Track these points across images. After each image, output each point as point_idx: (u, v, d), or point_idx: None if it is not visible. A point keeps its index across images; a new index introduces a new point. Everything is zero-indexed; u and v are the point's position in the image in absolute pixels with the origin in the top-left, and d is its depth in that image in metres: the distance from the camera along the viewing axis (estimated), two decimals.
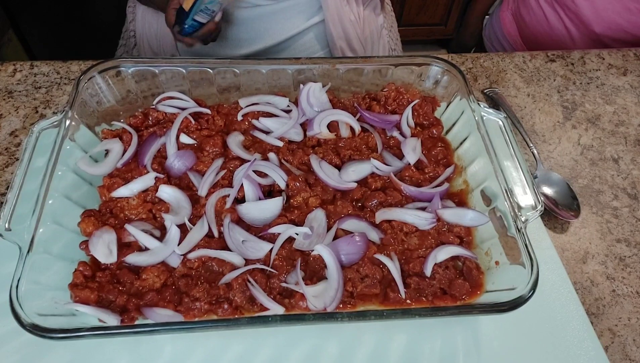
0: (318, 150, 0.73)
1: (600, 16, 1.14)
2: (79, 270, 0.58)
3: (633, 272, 0.72)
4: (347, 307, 0.59)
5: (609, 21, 1.13)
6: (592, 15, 1.14)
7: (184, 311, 0.57)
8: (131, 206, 0.64)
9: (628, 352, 0.65)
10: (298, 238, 0.63)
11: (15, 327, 0.49)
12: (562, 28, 1.23)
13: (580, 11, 1.16)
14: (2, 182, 0.75)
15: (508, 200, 0.64)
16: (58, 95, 0.87)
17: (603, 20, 1.14)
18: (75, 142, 0.68)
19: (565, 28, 1.22)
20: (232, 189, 0.67)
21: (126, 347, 0.60)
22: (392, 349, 0.62)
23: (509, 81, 0.99)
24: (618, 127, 0.92)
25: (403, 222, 0.66)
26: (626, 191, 0.82)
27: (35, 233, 0.56)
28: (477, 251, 0.66)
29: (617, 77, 1.02)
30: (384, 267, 0.62)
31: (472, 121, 0.73)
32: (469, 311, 0.58)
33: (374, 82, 0.83)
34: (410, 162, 0.73)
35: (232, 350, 0.61)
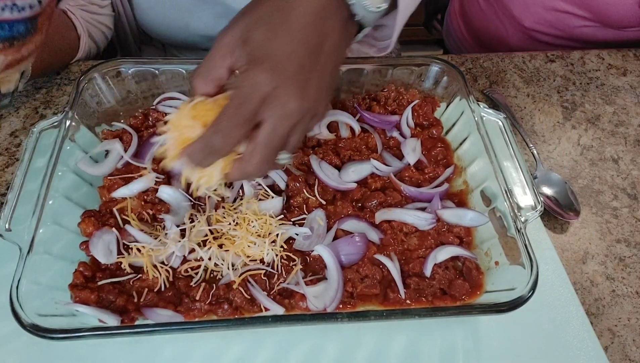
0: (318, 150, 0.73)
1: (529, 11, 1.17)
2: (79, 271, 0.58)
3: (633, 272, 0.72)
4: (347, 307, 0.59)
5: (537, 16, 1.16)
6: (522, 9, 1.18)
7: (184, 312, 0.57)
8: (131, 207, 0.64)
9: (628, 352, 0.65)
10: (298, 239, 0.63)
11: (16, 327, 0.50)
12: (497, 21, 1.26)
13: (511, 4, 1.19)
14: (2, 182, 0.75)
15: (508, 200, 0.64)
16: (58, 95, 0.87)
17: (532, 15, 1.17)
18: (76, 142, 0.68)
19: (500, 21, 1.25)
20: (232, 190, 0.67)
21: (126, 347, 0.60)
22: (392, 349, 0.62)
23: (508, 82, 0.99)
24: (618, 128, 0.92)
25: (403, 222, 0.66)
26: (626, 191, 0.82)
27: (35, 234, 0.57)
28: (477, 251, 0.66)
29: (617, 77, 1.02)
30: (383, 267, 0.63)
31: (471, 121, 0.73)
32: (469, 312, 0.58)
33: (373, 83, 0.83)
34: (410, 162, 0.73)
35: (232, 350, 0.61)
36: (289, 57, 0.48)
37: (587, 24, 1.11)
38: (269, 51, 0.48)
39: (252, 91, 0.47)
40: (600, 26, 1.10)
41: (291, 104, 0.48)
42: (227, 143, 0.48)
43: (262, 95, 0.47)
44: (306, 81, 0.49)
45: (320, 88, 0.51)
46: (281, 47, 0.48)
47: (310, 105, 0.50)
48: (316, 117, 0.52)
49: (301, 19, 0.49)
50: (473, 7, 1.32)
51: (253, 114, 0.47)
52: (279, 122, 0.48)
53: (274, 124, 0.48)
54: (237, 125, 0.47)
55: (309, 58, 0.49)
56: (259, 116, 0.48)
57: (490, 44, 1.31)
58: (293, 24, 0.49)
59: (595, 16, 1.08)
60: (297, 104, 0.48)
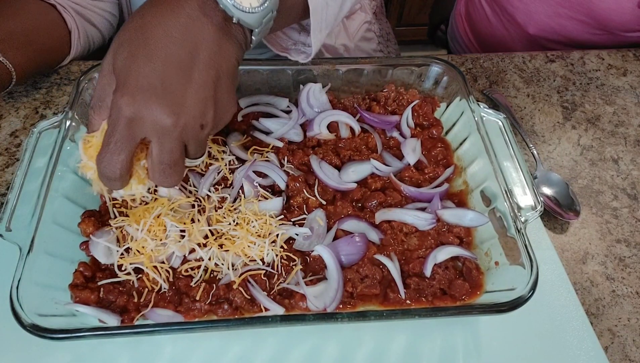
0: (318, 151, 0.73)
1: (533, 19, 1.17)
2: (79, 271, 0.59)
3: (633, 272, 0.72)
4: (347, 307, 0.59)
5: (541, 24, 1.16)
6: (526, 17, 1.18)
7: (184, 312, 0.58)
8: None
9: (628, 352, 0.65)
10: (298, 239, 0.63)
11: (16, 327, 0.50)
12: (502, 28, 1.26)
13: (515, 12, 1.20)
14: (3, 182, 0.75)
15: (508, 201, 0.64)
16: (58, 95, 0.87)
17: (536, 22, 1.17)
18: (76, 142, 0.68)
19: (505, 28, 1.26)
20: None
21: (126, 347, 0.60)
22: (392, 349, 0.62)
23: (508, 82, 0.99)
24: (618, 128, 0.92)
25: (403, 222, 0.66)
26: (626, 191, 0.82)
27: (35, 234, 0.57)
28: (477, 251, 0.66)
29: (617, 77, 1.02)
30: (383, 267, 0.63)
31: (471, 121, 0.73)
32: (469, 312, 0.58)
33: (373, 83, 0.83)
34: (410, 162, 0.73)
35: (232, 350, 0.61)
36: (149, 76, 0.48)
37: (590, 31, 1.11)
38: (129, 74, 0.49)
39: (117, 116, 0.48)
40: (603, 33, 1.10)
41: (164, 120, 0.48)
42: (114, 169, 0.50)
43: (126, 119, 0.48)
44: (178, 96, 0.49)
45: (201, 99, 0.50)
46: (140, 69, 0.48)
47: (189, 117, 0.50)
48: (207, 126, 0.52)
49: (163, 38, 0.49)
50: (478, 12, 1.32)
51: (126, 138, 0.49)
52: (160, 140, 0.50)
53: (157, 143, 0.50)
54: (114, 151, 0.49)
55: (177, 72, 0.49)
56: (138, 137, 0.49)
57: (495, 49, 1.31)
58: (153, 44, 0.49)
59: (597, 22, 1.08)
60: (170, 120, 0.48)
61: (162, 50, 0.49)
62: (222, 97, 0.53)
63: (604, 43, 1.13)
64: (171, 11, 0.50)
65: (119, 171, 0.51)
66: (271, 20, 0.56)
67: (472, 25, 1.37)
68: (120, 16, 0.97)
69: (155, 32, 0.50)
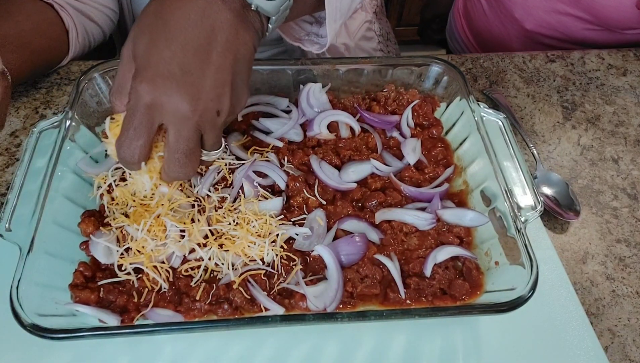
0: (318, 150, 0.73)
1: (530, 14, 1.17)
2: (79, 271, 0.59)
3: (633, 272, 0.72)
4: (347, 307, 0.59)
5: (539, 19, 1.17)
6: (524, 12, 1.18)
7: (184, 312, 0.58)
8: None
9: (628, 352, 0.65)
10: (298, 239, 0.63)
11: (16, 327, 0.50)
12: (500, 25, 1.27)
13: (513, 8, 1.20)
14: (3, 182, 0.75)
15: (508, 200, 0.64)
16: (58, 95, 0.87)
17: (534, 18, 1.17)
18: (76, 142, 0.68)
19: (502, 24, 1.26)
20: (232, 190, 0.67)
21: (126, 347, 0.60)
22: (392, 349, 0.62)
23: (508, 82, 0.99)
24: (618, 128, 0.92)
25: (403, 222, 0.66)
26: (626, 191, 0.82)
27: (35, 234, 0.57)
28: (477, 251, 0.66)
29: (617, 77, 1.02)
30: (383, 267, 0.63)
31: (471, 121, 0.73)
32: (469, 312, 0.58)
33: (373, 83, 0.83)
34: (410, 162, 0.73)
35: (232, 350, 0.61)
36: (169, 62, 0.49)
37: (588, 27, 1.12)
38: (149, 60, 0.49)
39: (135, 103, 0.49)
40: (602, 29, 1.11)
41: (182, 107, 0.49)
42: (132, 154, 0.52)
43: (145, 106, 0.49)
44: (196, 80, 0.49)
45: (219, 83, 0.51)
46: (161, 54, 0.49)
47: (208, 103, 0.50)
48: (223, 112, 0.52)
49: (180, 21, 0.50)
50: (476, 9, 1.32)
51: (144, 124, 0.49)
52: (177, 127, 0.50)
53: (174, 130, 0.50)
54: (133, 137, 0.51)
55: (195, 58, 0.50)
56: (156, 123, 0.50)
57: (492, 47, 1.32)
58: (172, 28, 0.50)
59: (595, 19, 1.08)
60: (188, 107, 0.49)
61: (180, 34, 0.49)
62: (238, 83, 0.54)
63: (602, 40, 1.13)
64: None
65: (137, 156, 0.52)
66: (288, 8, 0.56)
67: (470, 22, 1.37)
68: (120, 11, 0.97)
69: (173, 16, 0.50)
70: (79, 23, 0.87)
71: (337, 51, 1.07)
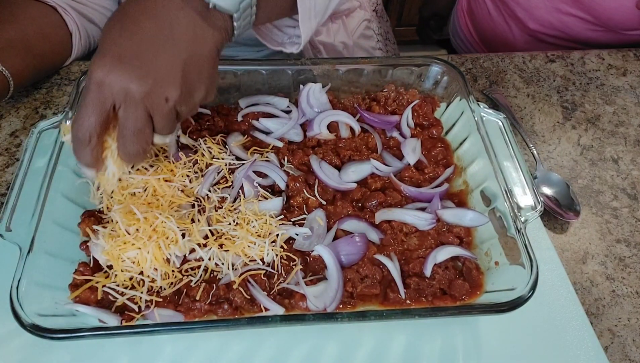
0: (318, 151, 0.73)
1: (533, 14, 1.18)
2: (79, 271, 0.59)
3: (633, 272, 0.72)
4: (347, 307, 0.59)
5: (541, 19, 1.17)
6: (526, 12, 1.19)
7: (184, 312, 0.58)
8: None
9: (628, 352, 0.65)
10: (298, 239, 0.63)
11: (16, 327, 0.50)
12: (504, 23, 1.27)
13: (516, 7, 1.21)
14: (3, 182, 0.75)
15: (508, 201, 0.64)
16: (58, 96, 0.87)
17: (536, 18, 1.18)
18: None
19: (506, 23, 1.27)
20: (232, 190, 0.67)
21: (126, 347, 0.60)
22: (392, 349, 0.62)
23: (508, 82, 0.99)
24: (618, 128, 0.92)
25: (403, 222, 0.66)
26: (626, 191, 0.82)
27: (35, 234, 0.57)
28: (477, 251, 0.66)
29: (617, 77, 1.02)
30: (383, 267, 0.63)
31: (471, 121, 0.73)
32: (469, 312, 0.58)
33: (373, 83, 0.83)
34: (410, 162, 0.73)
35: (232, 350, 0.61)
36: (121, 46, 0.52)
37: (589, 27, 1.12)
38: (104, 44, 0.53)
39: (88, 81, 0.52)
40: (603, 29, 1.11)
41: (129, 86, 0.51)
42: (84, 131, 0.53)
43: (96, 83, 0.51)
44: (145, 65, 0.52)
45: (168, 71, 0.53)
46: (115, 40, 0.53)
47: (154, 87, 0.52)
48: (171, 100, 0.54)
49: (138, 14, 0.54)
50: (480, 7, 1.32)
51: (95, 100, 0.52)
52: (125, 105, 0.52)
53: (123, 108, 0.52)
54: (85, 114, 0.52)
55: (148, 46, 0.53)
56: (107, 102, 0.52)
57: (496, 45, 1.32)
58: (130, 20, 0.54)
59: (596, 19, 1.09)
60: (135, 87, 0.51)
61: (135, 25, 0.53)
62: (190, 78, 0.55)
63: (603, 40, 1.13)
64: None
65: (89, 132, 0.53)
66: (251, 6, 0.58)
67: (474, 20, 1.37)
68: None
69: (133, 11, 0.54)
70: (81, 25, 0.87)
71: (335, 49, 1.07)
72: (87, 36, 0.90)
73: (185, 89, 0.55)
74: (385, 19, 1.27)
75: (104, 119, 0.53)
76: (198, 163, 0.69)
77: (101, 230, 0.60)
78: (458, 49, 1.49)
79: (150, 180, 0.64)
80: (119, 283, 0.58)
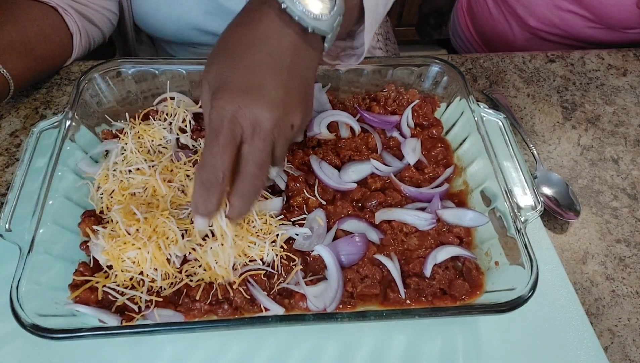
0: (318, 150, 0.73)
1: (534, 11, 1.18)
2: (79, 271, 0.59)
3: (633, 272, 0.72)
4: (347, 307, 0.59)
5: (541, 17, 1.18)
6: (527, 9, 1.20)
7: (184, 312, 0.58)
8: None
9: (628, 352, 0.65)
10: (298, 239, 0.63)
11: (16, 327, 0.50)
12: (504, 21, 1.27)
13: (516, 5, 1.21)
14: (3, 183, 0.75)
15: (508, 201, 0.64)
16: (58, 96, 0.87)
17: (537, 15, 1.18)
18: (76, 142, 0.68)
19: (506, 21, 1.27)
20: None
21: (126, 347, 0.60)
22: (392, 349, 0.62)
23: (508, 82, 0.99)
24: (618, 128, 0.92)
25: (403, 222, 0.66)
26: (626, 191, 0.82)
27: (35, 234, 0.57)
28: (477, 251, 0.66)
29: (617, 77, 1.02)
30: (383, 267, 0.63)
31: (471, 121, 0.73)
32: (469, 312, 0.58)
33: (373, 83, 0.83)
34: (410, 162, 0.73)
35: (232, 350, 0.61)
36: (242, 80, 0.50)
37: (590, 25, 1.12)
38: (222, 81, 0.51)
39: (218, 116, 0.49)
40: (603, 27, 1.11)
41: (261, 115, 0.49)
42: (216, 172, 0.49)
43: (228, 119, 0.49)
44: (270, 94, 0.50)
45: (292, 97, 0.52)
46: (232, 75, 0.51)
47: (282, 115, 0.51)
48: (296, 126, 0.53)
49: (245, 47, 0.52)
50: (480, 5, 1.33)
51: (229, 136, 0.49)
52: (253, 138, 0.50)
53: (249, 141, 0.50)
54: (219, 153, 0.49)
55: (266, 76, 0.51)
56: (238, 137, 0.50)
57: (496, 43, 1.32)
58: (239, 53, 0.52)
59: (597, 17, 1.09)
60: (267, 115, 0.49)
61: (247, 57, 0.51)
62: (307, 101, 0.55)
63: (604, 38, 1.13)
64: (249, 25, 0.53)
65: (222, 173, 0.49)
66: (339, 24, 0.57)
67: (474, 19, 1.37)
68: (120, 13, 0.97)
69: (236, 42, 0.53)
70: (82, 26, 0.87)
71: None
72: (87, 37, 0.90)
73: (305, 113, 0.54)
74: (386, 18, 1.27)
75: (234, 157, 0.50)
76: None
77: (101, 230, 0.60)
78: (458, 48, 1.49)
79: (150, 180, 0.64)
80: (119, 283, 0.58)
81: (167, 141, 0.71)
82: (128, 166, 0.66)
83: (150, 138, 0.70)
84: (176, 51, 1.11)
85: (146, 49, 1.13)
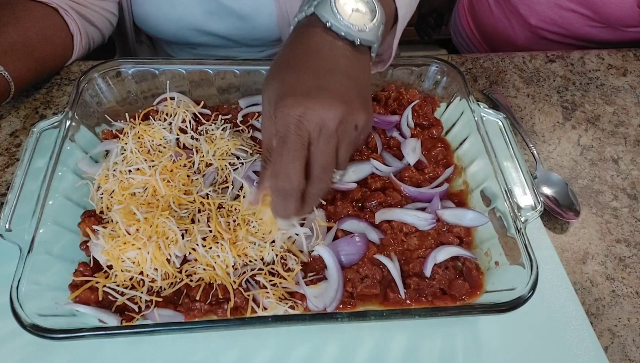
0: None
1: (535, 10, 1.19)
2: (79, 271, 0.59)
3: (633, 272, 0.72)
4: (347, 307, 0.59)
5: (542, 15, 1.18)
6: (528, 8, 1.20)
7: (184, 312, 0.58)
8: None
9: (628, 352, 0.65)
10: (298, 239, 0.63)
11: (16, 327, 0.50)
12: (505, 19, 1.28)
13: (518, 3, 1.21)
14: (3, 183, 0.75)
15: (508, 201, 0.64)
16: (58, 96, 0.87)
17: (537, 13, 1.19)
18: (76, 143, 0.68)
19: (507, 19, 1.27)
20: (232, 190, 0.67)
21: (126, 347, 0.60)
22: (392, 349, 0.62)
23: (508, 82, 0.99)
24: (618, 128, 0.92)
25: (403, 222, 0.66)
26: (626, 191, 0.82)
27: (35, 234, 0.57)
28: (477, 251, 0.66)
29: (617, 77, 1.02)
30: (383, 267, 0.63)
31: (471, 121, 0.73)
32: (469, 312, 0.58)
33: (373, 83, 0.83)
34: (410, 162, 0.73)
35: (232, 350, 0.61)
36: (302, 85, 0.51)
37: (591, 24, 1.12)
38: (284, 90, 0.51)
39: (285, 122, 0.49)
40: (604, 26, 1.11)
41: (326, 115, 0.49)
42: (291, 180, 0.50)
43: (295, 124, 0.49)
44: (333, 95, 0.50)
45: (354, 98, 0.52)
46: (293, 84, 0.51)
47: (346, 113, 0.50)
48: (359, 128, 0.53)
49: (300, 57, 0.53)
50: (481, 4, 1.33)
51: (299, 144, 0.49)
52: (319, 139, 0.50)
53: (314, 143, 0.50)
54: (291, 160, 0.49)
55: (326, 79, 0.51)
56: (306, 141, 0.50)
57: (497, 43, 1.32)
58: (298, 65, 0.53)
59: (597, 16, 1.09)
60: (332, 114, 0.49)
61: (306, 67, 0.52)
62: (368, 102, 0.55)
63: (604, 37, 1.13)
64: (301, 42, 0.55)
65: (297, 179, 0.50)
66: (382, 33, 0.57)
67: (475, 17, 1.37)
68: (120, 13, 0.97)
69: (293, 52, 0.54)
70: (82, 27, 0.87)
71: None
72: (87, 38, 0.89)
73: (368, 117, 0.54)
74: None
75: (305, 161, 0.50)
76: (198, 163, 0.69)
77: (101, 230, 0.60)
78: (459, 47, 1.49)
79: (150, 180, 0.64)
80: (119, 283, 0.58)
81: (167, 141, 0.71)
82: (128, 166, 0.66)
83: (150, 138, 0.70)
84: (176, 51, 1.11)
85: (146, 50, 1.13)
